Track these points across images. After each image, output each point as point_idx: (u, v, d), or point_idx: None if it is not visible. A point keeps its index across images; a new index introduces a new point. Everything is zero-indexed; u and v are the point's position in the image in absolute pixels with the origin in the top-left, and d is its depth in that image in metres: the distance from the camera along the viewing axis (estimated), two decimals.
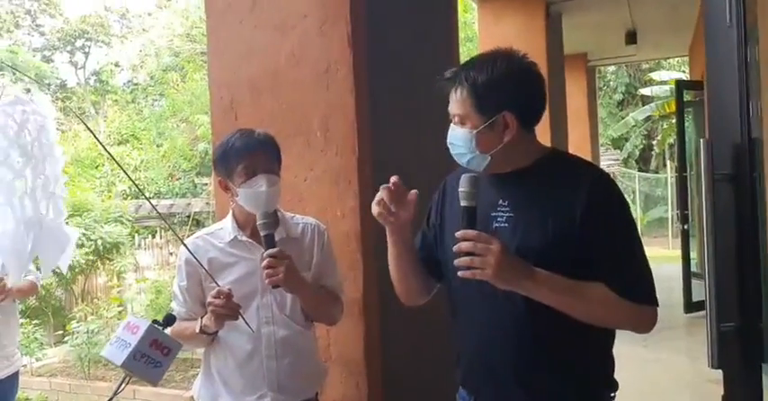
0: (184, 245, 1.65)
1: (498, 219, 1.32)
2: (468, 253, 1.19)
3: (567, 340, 1.30)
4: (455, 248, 1.20)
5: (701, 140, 1.44)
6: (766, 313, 1.52)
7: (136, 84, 15.63)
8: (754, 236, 1.45)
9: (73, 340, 5.29)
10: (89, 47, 17.47)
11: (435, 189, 1.53)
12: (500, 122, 1.30)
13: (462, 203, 1.24)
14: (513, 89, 1.30)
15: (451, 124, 1.34)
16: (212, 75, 2.20)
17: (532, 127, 1.36)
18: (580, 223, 1.25)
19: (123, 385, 1.28)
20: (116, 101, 14.34)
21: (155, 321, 1.32)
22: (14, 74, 11.10)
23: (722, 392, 1.61)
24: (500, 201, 1.33)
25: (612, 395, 1.39)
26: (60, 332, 6.06)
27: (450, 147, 1.35)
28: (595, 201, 1.26)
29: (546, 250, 1.26)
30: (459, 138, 1.32)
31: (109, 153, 1.65)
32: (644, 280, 1.29)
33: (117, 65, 16.48)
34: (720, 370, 1.56)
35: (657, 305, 1.30)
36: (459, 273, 1.20)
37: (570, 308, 1.26)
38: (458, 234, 1.20)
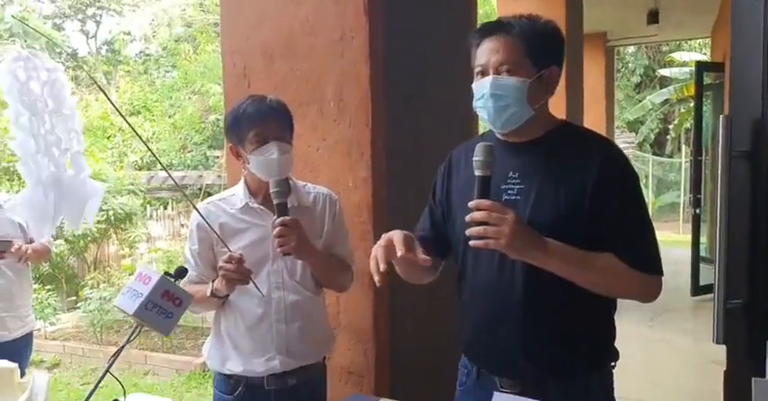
0: (196, 209, 1.66)
1: (509, 192, 1.32)
2: (480, 223, 1.18)
3: (574, 310, 1.32)
4: (468, 218, 1.19)
5: (721, 116, 1.42)
6: None
7: (148, 55, 15.55)
8: None
9: (86, 306, 5.39)
10: (100, 15, 17.36)
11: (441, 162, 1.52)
12: (546, 77, 1.30)
13: (477, 173, 1.22)
14: (557, 44, 1.32)
15: (491, 75, 1.30)
16: (225, 42, 2.18)
17: (554, 92, 1.35)
18: (591, 195, 1.26)
19: (135, 334, 1.30)
20: (128, 72, 14.31)
21: (166, 273, 1.34)
22: (26, 41, 11.09)
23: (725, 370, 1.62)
24: (510, 174, 1.33)
25: (613, 364, 1.41)
26: (73, 298, 6.19)
27: (491, 99, 1.29)
28: (607, 175, 1.27)
29: (557, 223, 1.26)
30: (508, 89, 1.28)
31: (129, 123, 1.63)
32: (651, 251, 1.31)
33: (128, 33, 16.36)
34: (724, 349, 1.57)
35: (662, 274, 1.31)
36: (471, 243, 1.20)
37: (581, 279, 1.27)
38: (471, 203, 1.20)
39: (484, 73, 1.31)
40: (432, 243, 1.49)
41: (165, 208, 7.98)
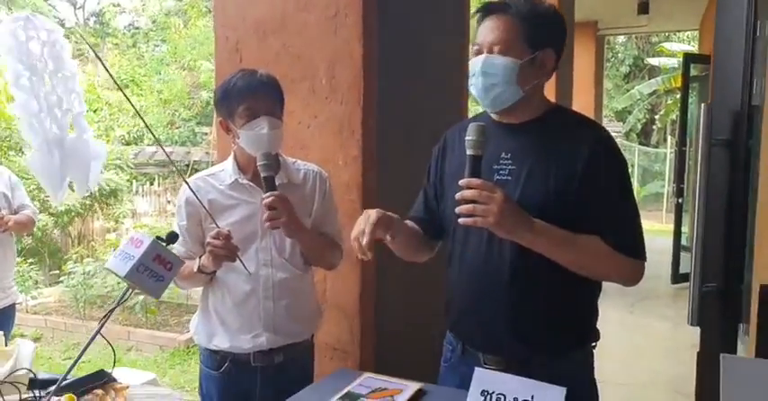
0: (186, 182, 1.65)
1: (500, 172, 1.34)
2: (470, 202, 1.20)
3: (560, 291, 1.35)
4: (458, 196, 1.21)
5: (702, 105, 1.46)
6: (747, 276, 1.58)
7: (137, 28, 15.21)
8: (744, 202, 1.49)
9: (69, 280, 5.36)
10: None
11: (437, 143, 1.54)
12: (539, 59, 1.31)
13: (468, 152, 1.24)
14: (556, 28, 1.33)
15: (484, 54, 1.31)
16: (218, 16, 2.16)
17: (550, 76, 1.37)
18: (580, 178, 1.28)
19: (126, 296, 1.32)
20: (116, 44, 14.02)
21: (158, 237, 1.35)
22: (10, 8, 10.83)
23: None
24: (502, 154, 1.35)
25: (594, 344, 1.45)
26: (56, 272, 6.14)
27: (481, 77, 1.31)
28: (597, 159, 1.29)
29: (546, 204, 1.28)
30: (498, 68, 1.29)
31: (126, 95, 1.62)
32: (637, 236, 1.33)
33: (117, 5, 15.98)
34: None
35: (645, 259, 1.34)
36: (461, 221, 1.22)
37: (566, 259, 1.29)
38: (462, 182, 1.21)
39: (479, 51, 1.32)
40: (426, 224, 1.51)
41: (152, 183, 7.91)
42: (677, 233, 5.98)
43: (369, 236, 1.24)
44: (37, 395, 1.28)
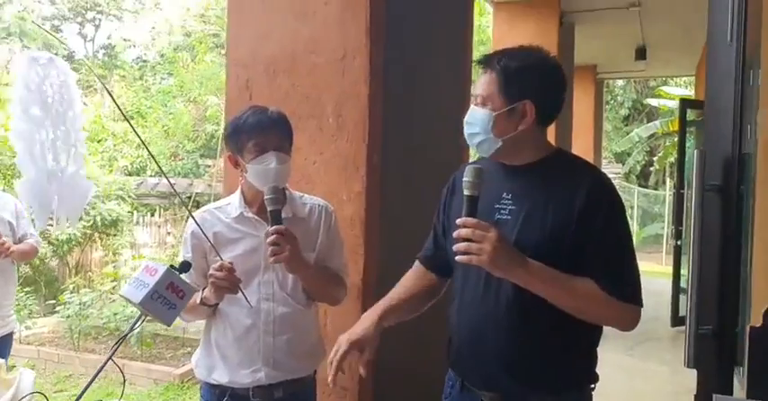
0: (192, 216, 1.67)
1: (501, 212, 1.38)
2: (466, 240, 1.24)
3: (556, 332, 1.36)
4: (455, 234, 1.26)
5: (695, 150, 1.51)
6: (742, 319, 1.59)
7: (145, 61, 15.57)
8: (737, 246, 1.53)
9: (64, 311, 5.30)
10: (100, 20, 17.43)
11: (444, 183, 1.59)
12: (519, 110, 1.35)
13: (465, 192, 1.29)
14: (540, 81, 1.37)
15: (472, 105, 1.40)
16: (230, 55, 2.24)
17: (547, 124, 1.42)
18: (577, 220, 1.31)
19: (139, 323, 1.34)
20: (123, 77, 14.29)
21: (171, 266, 1.38)
22: (22, 40, 11.14)
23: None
24: (504, 194, 1.39)
25: (592, 386, 1.45)
26: (52, 302, 6.09)
27: (465, 126, 1.40)
28: (594, 201, 1.32)
29: (543, 245, 1.31)
30: (476, 118, 1.37)
31: (132, 126, 1.69)
32: (631, 281, 1.34)
33: (126, 40, 16.42)
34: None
35: (642, 305, 1.35)
36: (457, 258, 1.26)
37: (560, 300, 1.31)
38: (458, 221, 1.26)
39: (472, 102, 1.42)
40: (435, 262, 1.55)
41: (153, 214, 7.93)
42: (676, 275, 5.95)
43: (333, 372, 1.40)
44: None
